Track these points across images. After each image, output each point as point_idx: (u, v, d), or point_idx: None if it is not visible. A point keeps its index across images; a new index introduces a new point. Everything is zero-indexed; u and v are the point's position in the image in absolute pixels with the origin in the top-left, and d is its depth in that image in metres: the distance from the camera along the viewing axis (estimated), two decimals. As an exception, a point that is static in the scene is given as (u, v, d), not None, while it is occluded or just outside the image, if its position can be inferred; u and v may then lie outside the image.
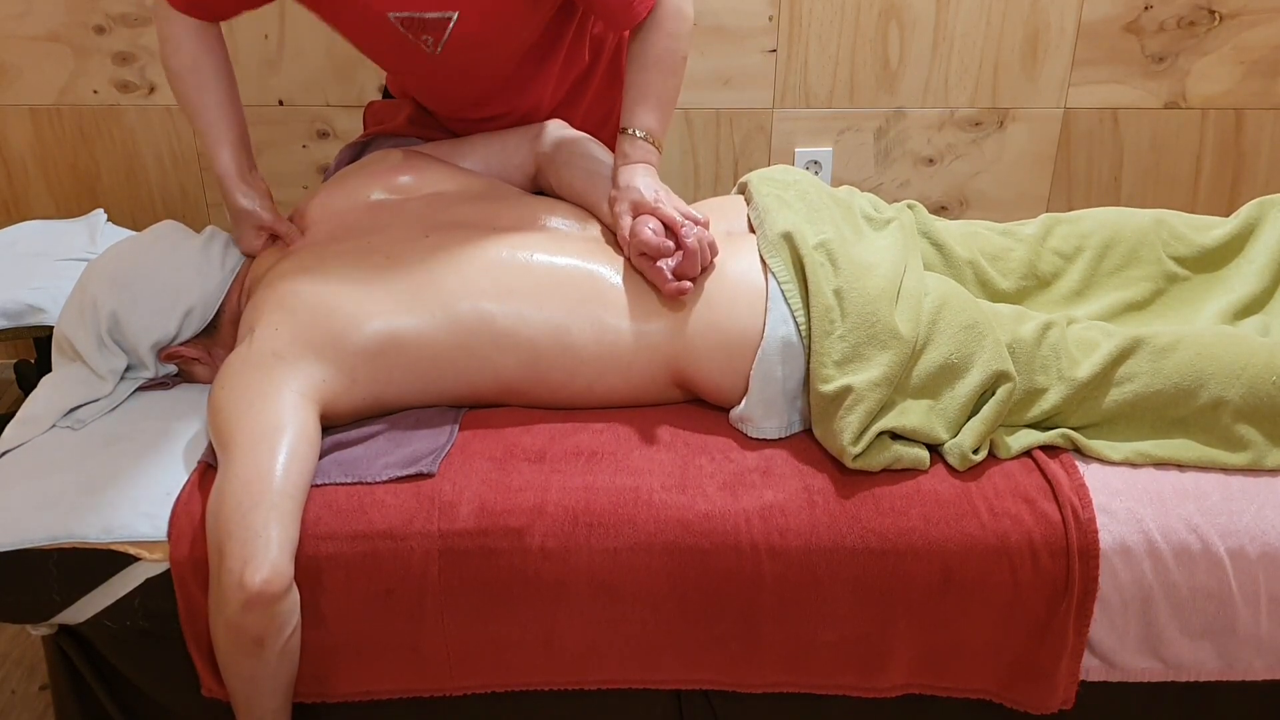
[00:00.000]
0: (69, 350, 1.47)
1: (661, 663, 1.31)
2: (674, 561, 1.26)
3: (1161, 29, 2.35)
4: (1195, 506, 1.28)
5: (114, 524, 1.28)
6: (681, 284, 1.35)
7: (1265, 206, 1.54)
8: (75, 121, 2.41)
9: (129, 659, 1.36)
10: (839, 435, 1.28)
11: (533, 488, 1.29)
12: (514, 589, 1.27)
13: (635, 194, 1.43)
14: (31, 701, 1.81)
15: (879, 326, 1.31)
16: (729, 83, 2.39)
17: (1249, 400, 1.32)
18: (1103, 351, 1.34)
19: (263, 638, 1.19)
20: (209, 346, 1.49)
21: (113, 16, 2.32)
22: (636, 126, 1.50)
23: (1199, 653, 1.30)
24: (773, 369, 1.34)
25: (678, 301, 1.38)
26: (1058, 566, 1.25)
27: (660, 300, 1.38)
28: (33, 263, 1.99)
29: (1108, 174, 2.49)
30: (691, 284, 1.36)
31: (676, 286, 1.35)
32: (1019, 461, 1.33)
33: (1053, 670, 1.29)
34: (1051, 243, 1.54)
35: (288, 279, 1.39)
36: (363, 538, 1.26)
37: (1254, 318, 1.48)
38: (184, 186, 2.48)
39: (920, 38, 2.35)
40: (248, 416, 1.26)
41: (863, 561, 1.26)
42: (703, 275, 1.40)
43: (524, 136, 1.66)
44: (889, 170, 2.48)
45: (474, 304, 1.35)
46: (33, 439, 1.40)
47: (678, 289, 1.35)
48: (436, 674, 1.31)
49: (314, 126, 2.43)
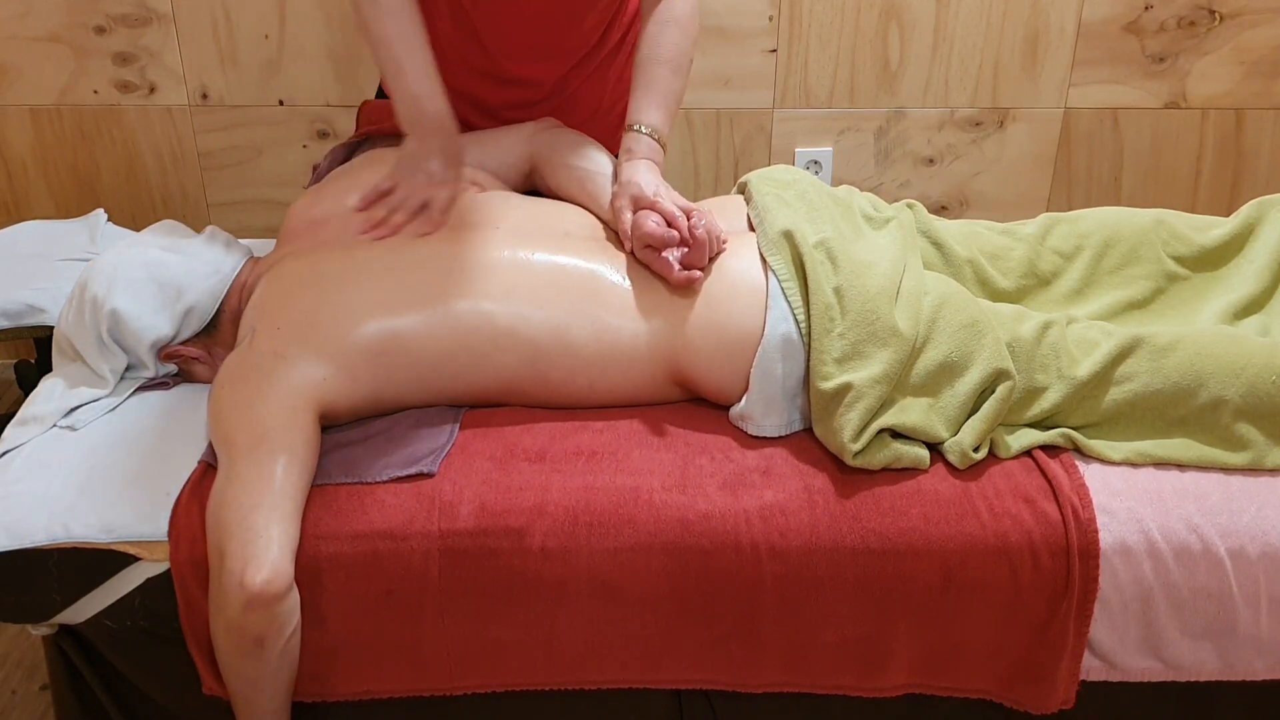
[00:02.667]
0: (69, 350, 1.47)
1: (662, 663, 1.31)
2: (674, 561, 1.26)
3: (1162, 29, 2.35)
4: (1195, 506, 1.28)
5: (114, 524, 1.28)
6: (691, 273, 1.36)
7: (1265, 206, 1.54)
8: (75, 122, 2.41)
9: (129, 659, 1.36)
10: (839, 433, 1.28)
11: (533, 488, 1.29)
12: (514, 589, 1.27)
13: (635, 189, 1.44)
14: (32, 701, 1.81)
15: (879, 324, 1.31)
16: (729, 83, 2.39)
17: (1249, 400, 1.32)
18: (1103, 351, 1.34)
19: (263, 638, 1.19)
20: (209, 346, 1.49)
21: (113, 17, 2.32)
22: (643, 123, 1.50)
23: (1199, 653, 1.30)
24: (773, 367, 1.34)
25: (687, 290, 1.38)
26: (1058, 566, 1.25)
27: (660, 299, 1.38)
28: (33, 263, 1.99)
29: (1108, 174, 2.49)
30: (700, 272, 1.37)
31: (686, 275, 1.36)
32: (1019, 461, 1.33)
33: (1053, 670, 1.29)
34: (1051, 242, 1.54)
35: (288, 279, 1.39)
36: (363, 538, 1.26)
37: (1254, 317, 1.48)
38: (184, 186, 2.48)
39: (920, 38, 2.35)
40: (248, 416, 1.26)
41: (863, 561, 1.26)
42: (704, 270, 1.40)
43: (520, 135, 1.66)
44: (889, 170, 2.48)
45: (474, 303, 1.36)
46: (33, 439, 1.40)
47: (687, 278, 1.36)
48: (437, 674, 1.31)
49: (314, 126, 2.43)
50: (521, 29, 1.62)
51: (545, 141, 1.63)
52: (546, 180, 1.63)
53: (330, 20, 2.33)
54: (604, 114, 1.76)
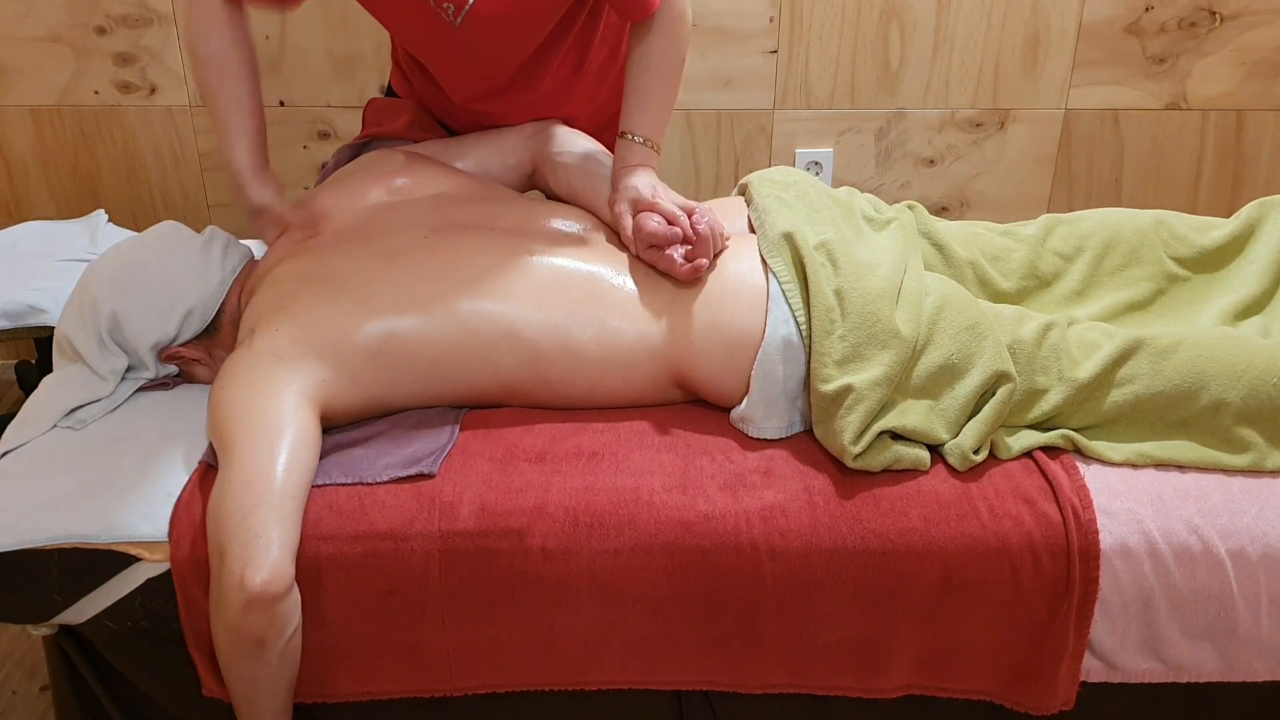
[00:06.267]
0: (70, 351, 1.47)
1: (662, 663, 1.31)
2: (675, 562, 1.26)
3: (1162, 30, 2.35)
4: (1196, 508, 1.28)
5: (115, 524, 1.28)
6: (697, 263, 1.37)
7: (1265, 208, 1.54)
8: (76, 122, 2.41)
9: (129, 659, 1.36)
10: (839, 435, 1.28)
11: (533, 488, 1.29)
12: (515, 590, 1.27)
13: (634, 192, 1.44)
14: (32, 702, 1.81)
15: (879, 326, 1.31)
16: (730, 84, 2.39)
17: (1250, 402, 1.32)
18: (1104, 352, 1.34)
19: (264, 639, 1.19)
20: (209, 347, 1.49)
21: (113, 17, 2.32)
22: (636, 131, 1.50)
23: (1199, 654, 1.30)
24: (774, 369, 1.34)
25: (688, 292, 1.39)
26: (1058, 567, 1.25)
27: (662, 301, 1.39)
28: (34, 263, 1.99)
29: (1108, 175, 2.49)
30: (705, 262, 1.38)
31: (692, 266, 1.37)
32: (1019, 462, 1.33)
33: (1053, 671, 1.29)
34: (1052, 243, 1.54)
35: (288, 280, 1.39)
36: (363, 538, 1.26)
37: (1254, 319, 1.48)
38: (185, 187, 2.48)
39: (921, 39, 2.35)
40: (248, 417, 1.26)
41: (863, 562, 1.26)
42: (705, 272, 1.40)
43: (520, 136, 1.66)
44: (890, 171, 2.48)
45: (475, 305, 1.36)
46: (34, 439, 1.40)
47: (693, 268, 1.37)
48: (437, 674, 1.31)
49: (315, 127, 2.43)
50: (472, 78, 1.62)
51: (545, 141, 1.63)
52: (547, 180, 1.63)
53: (330, 21, 2.33)
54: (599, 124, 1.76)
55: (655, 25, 1.50)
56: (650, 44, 1.51)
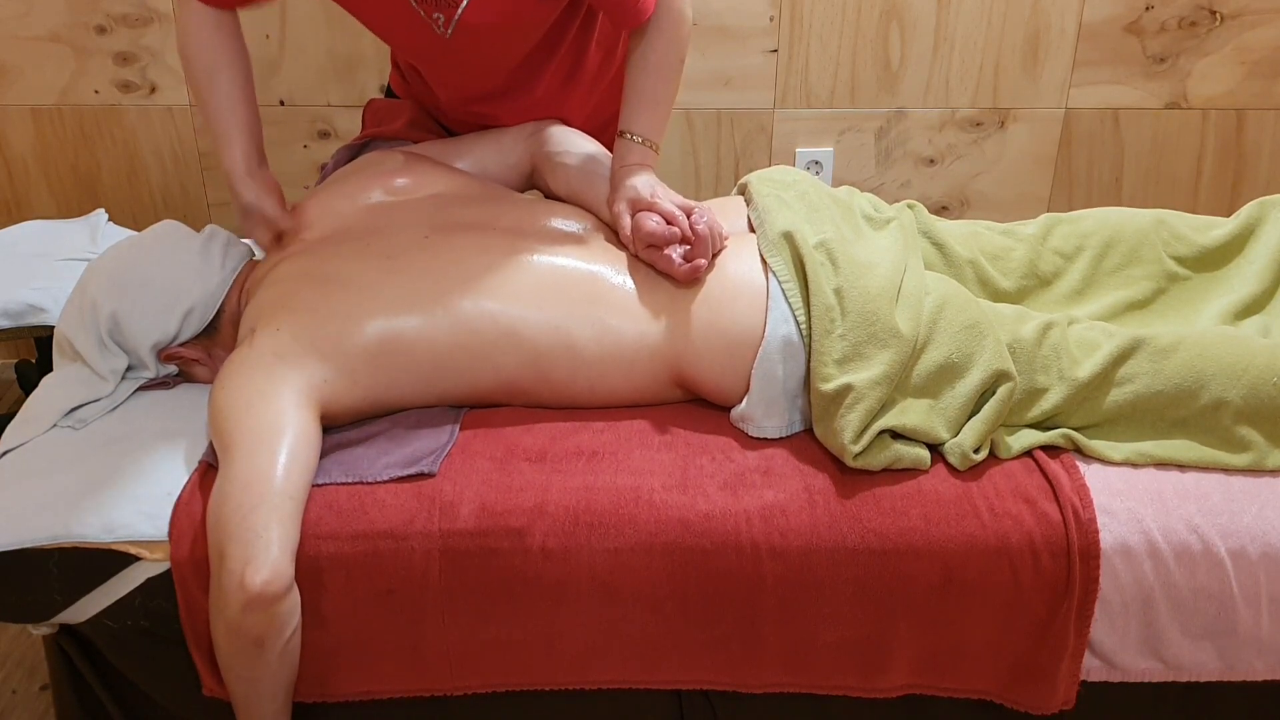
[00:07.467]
0: (70, 350, 1.47)
1: (662, 663, 1.31)
2: (675, 562, 1.26)
3: (1163, 29, 2.35)
4: (1196, 507, 1.28)
5: (115, 524, 1.28)
6: (696, 263, 1.37)
7: (1266, 207, 1.54)
8: (76, 121, 2.41)
9: (129, 659, 1.36)
10: (839, 434, 1.28)
11: (534, 488, 1.29)
12: (515, 589, 1.27)
13: (632, 191, 1.44)
14: (32, 701, 1.81)
15: (879, 325, 1.31)
16: (730, 83, 2.39)
17: (1250, 402, 1.32)
18: (1104, 352, 1.34)
19: (263, 638, 1.19)
20: (209, 347, 1.49)
21: (114, 17, 2.32)
22: (635, 131, 1.50)
23: (1200, 653, 1.30)
24: (774, 368, 1.34)
25: (688, 291, 1.38)
26: (1058, 567, 1.25)
27: (662, 300, 1.39)
28: (34, 263, 1.99)
29: (1108, 174, 2.49)
30: (704, 262, 1.37)
31: (691, 266, 1.37)
32: (1020, 461, 1.33)
33: (1053, 671, 1.29)
34: (1052, 242, 1.54)
35: (288, 280, 1.39)
36: (363, 538, 1.26)
37: (1255, 318, 1.48)
38: (185, 186, 2.48)
39: (921, 38, 2.35)
40: (248, 417, 1.26)
41: (863, 561, 1.26)
42: (705, 271, 1.40)
43: (519, 135, 1.66)
44: (890, 171, 2.48)
45: (475, 304, 1.36)
46: (34, 439, 1.40)
47: (692, 268, 1.37)
48: (437, 674, 1.31)
49: (315, 127, 2.43)
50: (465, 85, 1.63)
51: (545, 141, 1.63)
52: (546, 180, 1.63)
53: (331, 21, 2.33)
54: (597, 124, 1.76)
55: (655, 26, 1.50)
56: (650, 44, 1.51)
